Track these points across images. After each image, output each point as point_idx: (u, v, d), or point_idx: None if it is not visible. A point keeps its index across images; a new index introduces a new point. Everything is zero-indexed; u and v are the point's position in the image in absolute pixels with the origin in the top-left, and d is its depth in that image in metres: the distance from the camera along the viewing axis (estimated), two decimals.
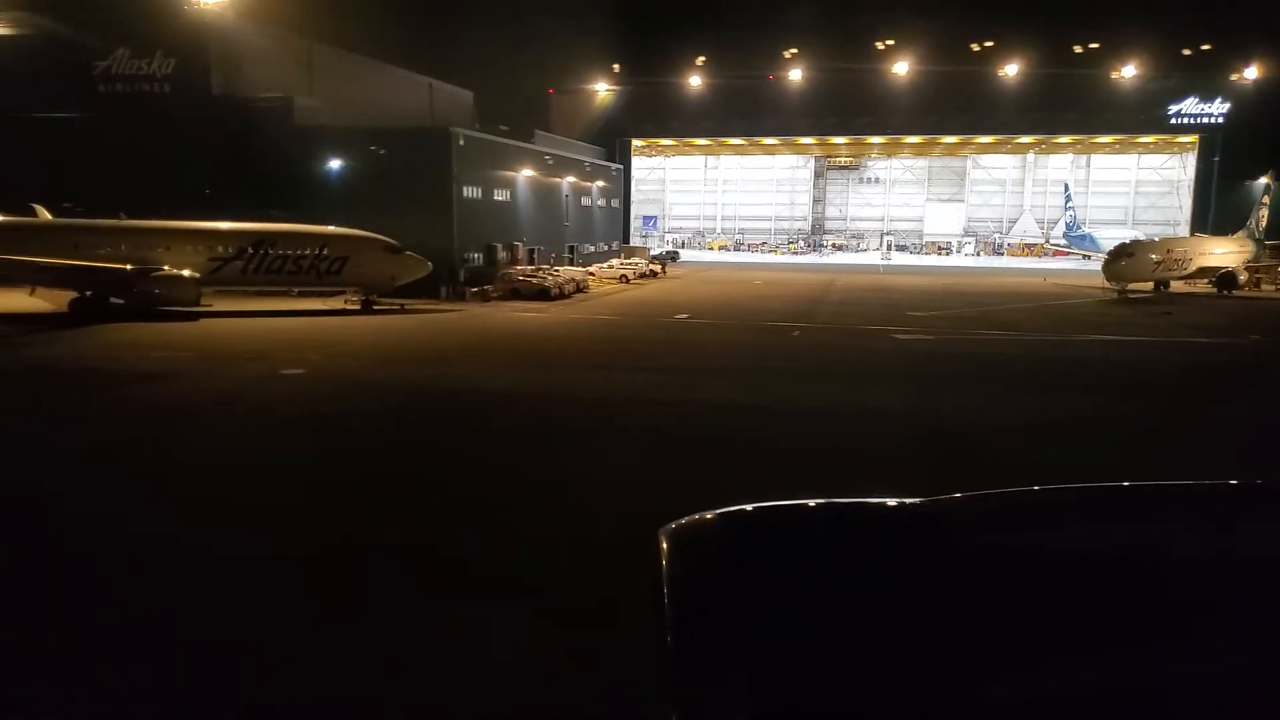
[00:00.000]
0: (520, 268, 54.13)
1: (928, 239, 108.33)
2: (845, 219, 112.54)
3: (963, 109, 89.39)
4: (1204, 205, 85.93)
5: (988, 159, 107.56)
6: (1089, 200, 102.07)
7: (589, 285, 55.49)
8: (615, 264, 67.74)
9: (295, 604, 10.85)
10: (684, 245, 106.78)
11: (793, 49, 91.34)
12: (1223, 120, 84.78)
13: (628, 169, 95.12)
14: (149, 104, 52.58)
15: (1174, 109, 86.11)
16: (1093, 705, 1.70)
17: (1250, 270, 61.19)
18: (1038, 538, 2.09)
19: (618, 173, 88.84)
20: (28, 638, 9.86)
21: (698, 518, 2.07)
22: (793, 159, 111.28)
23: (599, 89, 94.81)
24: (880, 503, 2.19)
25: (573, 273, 55.83)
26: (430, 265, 42.87)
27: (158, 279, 38.24)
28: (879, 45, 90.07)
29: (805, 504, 2.18)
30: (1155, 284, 58.26)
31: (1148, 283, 57.67)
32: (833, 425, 20.87)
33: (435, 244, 45.69)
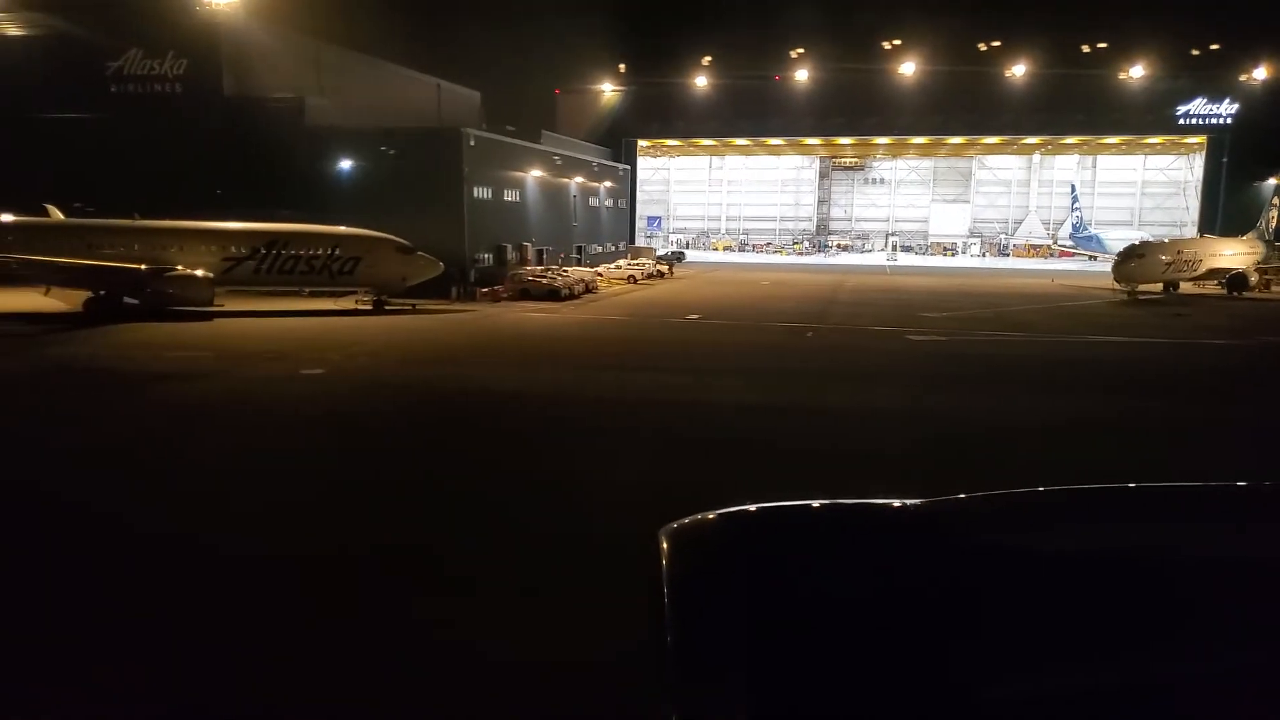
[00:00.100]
0: (530, 268, 54.24)
1: (933, 240, 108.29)
2: (850, 220, 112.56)
3: (969, 109, 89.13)
4: (1212, 206, 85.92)
5: (993, 160, 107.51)
6: (1095, 201, 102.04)
7: (597, 286, 55.53)
8: (623, 264, 67.79)
9: (306, 603, 10.88)
10: (688, 246, 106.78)
11: (799, 49, 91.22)
12: (1231, 121, 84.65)
13: (633, 169, 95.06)
14: (161, 104, 52.65)
15: (1182, 110, 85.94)
16: (1093, 705, 1.70)
17: (1261, 272, 61.05)
18: (1038, 538, 2.09)
19: (624, 173, 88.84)
20: (27, 638, 9.85)
21: (698, 518, 2.06)
22: (798, 159, 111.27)
23: (605, 89, 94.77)
24: (881, 503, 2.18)
25: (582, 273, 55.94)
26: (441, 266, 42.93)
27: (172, 279, 38.30)
28: (885, 45, 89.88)
29: (806, 504, 2.17)
30: (1165, 285, 58.21)
31: (1157, 284, 57.62)
32: (850, 427, 20.84)
33: (446, 244, 45.67)
